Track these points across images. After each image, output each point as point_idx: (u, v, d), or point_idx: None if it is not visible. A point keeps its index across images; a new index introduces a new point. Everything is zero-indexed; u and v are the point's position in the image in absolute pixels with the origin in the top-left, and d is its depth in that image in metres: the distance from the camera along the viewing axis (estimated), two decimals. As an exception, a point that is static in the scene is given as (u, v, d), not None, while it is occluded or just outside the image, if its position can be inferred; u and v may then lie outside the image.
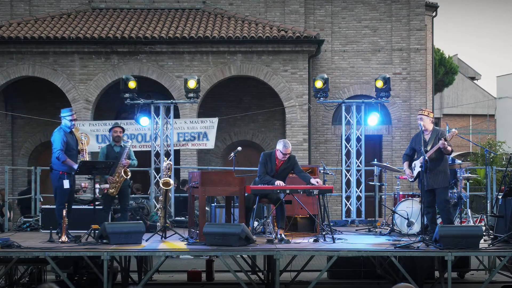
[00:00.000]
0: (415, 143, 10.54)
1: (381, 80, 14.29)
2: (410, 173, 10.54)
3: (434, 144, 10.22)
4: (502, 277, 12.24)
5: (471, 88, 44.37)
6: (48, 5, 20.82)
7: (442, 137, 10.22)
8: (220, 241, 9.58)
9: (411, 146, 10.66)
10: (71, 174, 10.86)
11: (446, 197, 10.39)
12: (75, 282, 10.77)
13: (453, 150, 10.86)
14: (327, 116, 20.63)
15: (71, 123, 10.93)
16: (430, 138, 10.33)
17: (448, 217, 10.32)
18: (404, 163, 10.71)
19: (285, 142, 10.53)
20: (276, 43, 18.91)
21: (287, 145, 10.45)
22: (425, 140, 10.36)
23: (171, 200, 14.03)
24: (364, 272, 12.60)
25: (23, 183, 20.40)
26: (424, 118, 10.40)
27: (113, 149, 11.72)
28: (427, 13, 23.35)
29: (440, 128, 10.75)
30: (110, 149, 11.75)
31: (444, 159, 10.40)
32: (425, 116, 10.43)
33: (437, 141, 10.21)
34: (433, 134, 10.37)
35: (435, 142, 10.22)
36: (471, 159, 28.86)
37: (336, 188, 15.89)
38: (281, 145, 10.46)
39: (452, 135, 10.17)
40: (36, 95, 20.39)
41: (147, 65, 19.08)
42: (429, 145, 10.27)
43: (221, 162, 20.68)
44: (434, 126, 10.53)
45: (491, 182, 14.91)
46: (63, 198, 10.83)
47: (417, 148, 10.40)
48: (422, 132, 10.45)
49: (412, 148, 10.61)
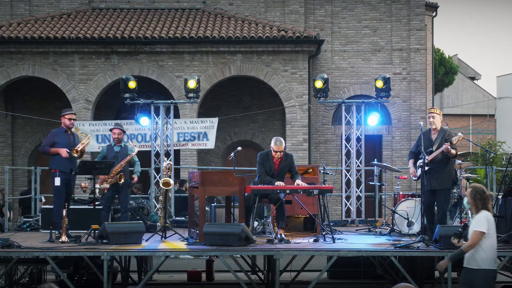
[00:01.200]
0: (421, 141, 10.46)
1: (381, 80, 14.29)
2: (414, 172, 10.45)
3: (440, 144, 10.18)
4: (502, 277, 12.23)
5: (471, 88, 44.38)
6: (48, 5, 20.82)
7: (449, 138, 10.16)
8: (220, 241, 9.58)
9: (417, 144, 10.58)
10: (66, 172, 10.87)
11: (446, 199, 10.37)
12: (75, 282, 10.77)
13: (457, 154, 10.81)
14: (327, 116, 20.63)
15: (69, 122, 11.01)
16: (436, 138, 10.27)
17: (443, 221, 10.29)
18: (410, 161, 10.63)
19: (276, 139, 10.53)
20: (276, 43, 18.91)
21: (278, 142, 10.44)
22: (431, 140, 10.32)
23: (171, 200, 14.03)
24: (364, 272, 12.60)
25: (23, 183, 20.42)
26: (436, 116, 10.36)
27: (113, 148, 11.73)
28: (427, 13, 23.34)
29: (447, 128, 10.63)
30: (110, 148, 11.76)
31: (450, 161, 10.32)
32: (437, 115, 10.39)
33: (443, 142, 10.15)
34: (440, 134, 10.29)
35: (441, 143, 10.18)
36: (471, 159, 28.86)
37: (336, 188, 15.89)
38: (273, 142, 10.49)
39: (458, 139, 10.12)
40: (36, 95, 20.39)
41: (147, 65, 19.08)
42: (435, 145, 10.22)
43: (221, 162, 20.68)
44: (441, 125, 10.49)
45: (491, 182, 14.90)
46: (58, 197, 10.89)
47: (420, 148, 10.34)
48: (430, 131, 10.41)
49: (419, 145, 10.54)
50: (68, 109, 11.47)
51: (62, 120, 11.11)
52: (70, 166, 10.92)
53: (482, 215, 7.04)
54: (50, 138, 11.06)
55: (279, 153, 10.44)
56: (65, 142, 10.95)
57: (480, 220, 7.01)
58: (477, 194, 7.10)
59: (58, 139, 10.98)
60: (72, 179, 11.08)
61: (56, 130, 11.27)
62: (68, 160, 10.86)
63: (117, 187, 11.49)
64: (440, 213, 10.34)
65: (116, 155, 11.55)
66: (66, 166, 10.90)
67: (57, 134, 11.07)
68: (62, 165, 10.90)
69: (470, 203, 7.13)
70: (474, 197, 7.10)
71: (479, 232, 6.93)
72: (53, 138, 11.02)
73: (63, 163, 10.88)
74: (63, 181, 10.87)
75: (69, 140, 11.00)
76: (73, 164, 10.96)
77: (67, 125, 11.03)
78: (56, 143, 10.94)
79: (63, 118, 11.07)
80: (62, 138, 10.98)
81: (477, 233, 6.93)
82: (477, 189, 7.17)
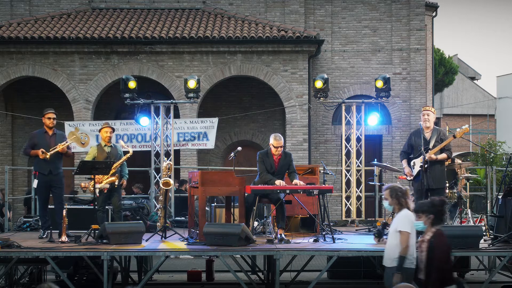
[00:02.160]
0: (414, 141, 10.50)
1: (381, 80, 14.28)
2: (409, 172, 10.48)
3: (436, 143, 10.20)
4: (502, 277, 12.23)
5: (471, 88, 44.36)
6: (48, 5, 20.83)
7: (444, 137, 10.22)
8: (220, 241, 9.57)
9: (409, 143, 10.60)
10: (45, 174, 10.86)
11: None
12: (75, 282, 10.76)
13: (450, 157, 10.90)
14: (327, 116, 20.63)
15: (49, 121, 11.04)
16: (432, 137, 10.30)
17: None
18: (403, 161, 10.65)
19: (276, 135, 10.53)
20: (276, 43, 18.91)
21: (278, 138, 10.44)
22: (425, 139, 10.33)
23: (171, 200, 14.03)
24: (364, 272, 12.59)
25: (23, 183, 20.42)
26: (431, 114, 10.40)
27: (103, 149, 11.56)
28: (427, 13, 23.35)
29: (441, 128, 10.73)
30: (101, 149, 11.52)
31: (443, 161, 10.43)
32: (431, 113, 10.43)
33: (439, 141, 10.20)
34: (434, 132, 10.33)
35: (437, 141, 10.21)
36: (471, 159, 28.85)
37: (336, 188, 15.90)
38: (272, 138, 10.47)
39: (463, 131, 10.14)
40: (36, 95, 20.40)
41: (147, 65, 19.08)
42: (431, 144, 10.24)
43: (221, 162, 20.68)
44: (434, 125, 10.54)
45: (491, 182, 14.90)
46: (38, 199, 10.99)
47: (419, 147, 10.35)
48: (422, 129, 10.43)
49: (410, 145, 10.55)
50: (48, 109, 11.38)
51: (43, 121, 11.12)
52: (48, 168, 10.87)
53: (403, 214, 6.94)
54: (30, 140, 11.10)
55: (279, 148, 10.43)
56: (44, 143, 10.92)
57: (402, 220, 6.90)
58: (397, 192, 7.00)
59: (37, 140, 10.98)
60: (54, 180, 10.93)
61: (36, 131, 11.31)
62: (46, 162, 10.80)
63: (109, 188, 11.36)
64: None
65: (108, 155, 11.43)
66: (44, 167, 10.88)
67: (36, 136, 11.08)
68: (40, 167, 10.91)
69: (393, 203, 7.02)
70: (396, 196, 7.00)
71: (406, 233, 6.82)
72: (33, 140, 11.04)
73: (41, 165, 10.88)
74: (42, 183, 10.88)
75: (48, 141, 10.95)
76: (52, 165, 10.86)
77: (47, 124, 11.01)
78: (35, 145, 10.94)
79: (44, 118, 11.07)
80: (41, 139, 10.97)
81: (405, 233, 6.82)
82: (395, 188, 7.06)
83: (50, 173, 10.89)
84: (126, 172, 11.69)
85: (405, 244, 6.81)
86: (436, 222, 6.69)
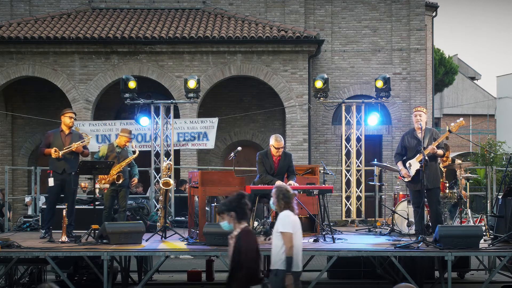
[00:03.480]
0: (407, 142, 10.49)
1: (381, 80, 14.28)
2: (407, 173, 10.43)
3: (429, 143, 10.22)
4: (502, 277, 12.24)
5: (471, 88, 44.37)
6: (48, 5, 20.83)
7: (437, 137, 10.26)
8: (220, 241, 9.57)
9: (402, 145, 10.58)
10: (59, 173, 10.86)
11: (438, 198, 10.45)
12: (75, 282, 10.78)
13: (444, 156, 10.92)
14: (327, 116, 20.63)
15: (70, 121, 11.04)
16: (425, 137, 10.29)
17: (439, 218, 10.32)
18: (398, 163, 10.62)
19: (276, 136, 10.54)
20: (276, 43, 18.91)
21: (278, 139, 10.45)
22: (418, 139, 10.33)
23: (171, 200, 14.03)
24: (364, 272, 12.60)
25: (23, 183, 20.42)
26: (422, 115, 10.39)
27: (115, 149, 11.66)
28: (427, 13, 23.35)
29: (432, 128, 10.76)
30: (112, 148, 11.68)
31: (437, 161, 10.49)
32: (423, 113, 10.42)
33: (432, 141, 10.22)
34: (427, 133, 10.34)
35: (430, 141, 10.23)
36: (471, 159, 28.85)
37: (336, 188, 15.90)
38: (273, 139, 10.48)
39: (459, 125, 10.13)
40: (36, 95, 20.40)
41: (147, 65, 19.08)
42: (424, 144, 10.24)
43: (221, 162, 20.68)
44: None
45: (491, 182, 14.90)
46: (49, 197, 10.95)
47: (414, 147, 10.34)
48: (414, 130, 10.43)
49: (404, 146, 10.54)
50: (68, 108, 11.49)
51: (62, 119, 11.10)
52: (62, 167, 10.89)
53: (283, 215, 6.86)
54: (46, 139, 11.10)
55: (280, 149, 10.43)
56: (58, 142, 10.94)
57: (283, 220, 6.82)
58: (280, 193, 6.92)
59: (52, 139, 10.99)
60: (68, 180, 10.93)
61: (51, 131, 11.31)
62: (60, 161, 10.83)
63: (116, 187, 11.46)
64: (434, 212, 10.38)
65: (117, 155, 11.54)
66: (58, 166, 10.89)
67: (52, 135, 11.08)
68: (54, 166, 10.92)
69: (275, 203, 7.00)
70: (278, 196, 6.93)
71: (288, 233, 6.74)
72: (48, 139, 11.04)
73: (55, 164, 10.89)
74: (55, 182, 10.87)
75: (63, 140, 10.96)
76: (67, 165, 10.88)
77: (67, 123, 11.01)
78: (51, 144, 10.95)
79: (63, 117, 11.06)
80: (56, 139, 10.98)
81: (287, 234, 6.73)
82: (281, 189, 6.99)
83: (64, 172, 10.89)
84: (136, 172, 11.84)
85: (289, 244, 6.72)
86: (241, 217, 6.49)
